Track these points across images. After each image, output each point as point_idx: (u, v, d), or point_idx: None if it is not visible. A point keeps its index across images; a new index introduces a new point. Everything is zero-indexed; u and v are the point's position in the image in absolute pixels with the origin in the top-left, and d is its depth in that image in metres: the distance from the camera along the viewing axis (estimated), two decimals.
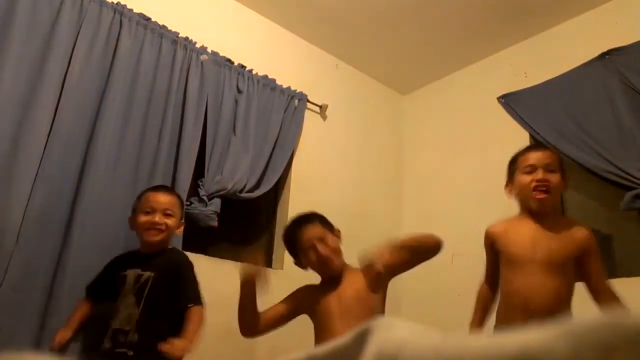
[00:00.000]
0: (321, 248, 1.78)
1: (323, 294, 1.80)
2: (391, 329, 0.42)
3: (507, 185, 1.79)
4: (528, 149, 1.73)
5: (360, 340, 0.43)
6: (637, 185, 2.18)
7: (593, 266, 1.65)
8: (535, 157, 1.67)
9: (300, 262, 1.87)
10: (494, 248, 1.78)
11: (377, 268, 1.45)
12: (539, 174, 1.63)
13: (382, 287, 1.77)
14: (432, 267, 1.84)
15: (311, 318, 1.84)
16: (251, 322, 1.77)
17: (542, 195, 1.62)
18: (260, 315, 1.79)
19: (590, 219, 2.57)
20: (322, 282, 1.87)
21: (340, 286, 1.79)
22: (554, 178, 1.64)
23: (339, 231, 1.93)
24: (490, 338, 0.36)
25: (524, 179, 1.66)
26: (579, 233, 1.66)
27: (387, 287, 1.81)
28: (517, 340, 0.33)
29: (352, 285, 1.76)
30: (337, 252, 1.83)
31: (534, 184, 1.63)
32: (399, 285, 3.08)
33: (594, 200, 2.56)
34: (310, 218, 1.88)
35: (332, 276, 1.82)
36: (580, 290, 2.37)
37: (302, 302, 1.84)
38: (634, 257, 2.32)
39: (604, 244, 2.50)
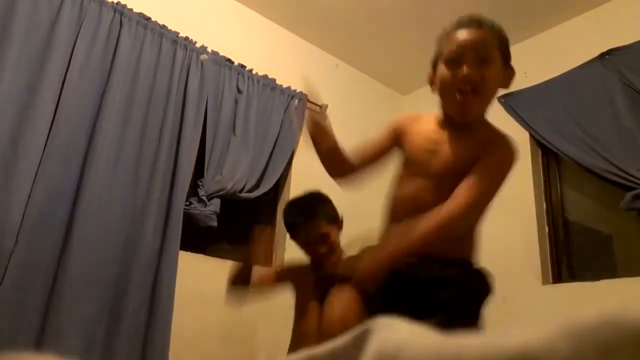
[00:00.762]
0: (320, 248, 1.77)
1: (304, 286, 1.77)
2: (391, 329, 0.41)
3: (430, 80, 1.33)
4: (457, 26, 1.29)
5: (360, 340, 0.43)
6: (637, 185, 2.18)
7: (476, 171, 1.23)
8: (462, 41, 1.22)
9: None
10: (395, 137, 1.44)
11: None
12: (464, 69, 1.17)
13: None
14: None
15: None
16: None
17: (465, 100, 1.20)
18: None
19: (590, 219, 2.57)
20: (309, 266, 1.83)
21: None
22: (487, 72, 1.18)
23: (342, 220, 1.89)
24: (490, 338, 0.35)
25: (445, 73, 1.21)
26: (489, 144, 1.27)
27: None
28: (517, 341, 0.33)
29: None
30: (334, 249, 1.79)
31: (455, 81, 1.20)
32: None
33: (593, 200, 2.56)
34: (314, 213, 1.79)
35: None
36: (580, 291, 2.37)
37: (282, 279, 1.84)
38: (634, 257, 2.32)
39: (604, 244, 2.50)
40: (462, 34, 1.26)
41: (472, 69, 1.18)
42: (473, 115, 1.26)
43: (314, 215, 1.85)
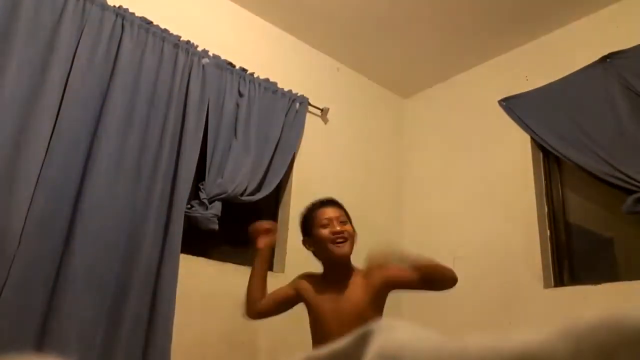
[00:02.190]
0: (338, 225, 1.76)
1: (322, 294, 1.76)
2: (392, 331, 0.42)
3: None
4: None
5: (362, 341, 0.43)
6: (638, 189, 2.18)
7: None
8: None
9: (308, 240, 1.82)
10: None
11: (378, 278, 1.64)
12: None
13: (382, 298, 1.76)
14: None
15: (306, 306, 1.81)
16: (256, 298, 1.79)
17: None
18: (265, 295, 1.81)
19: (592, 223, 2.57)
20: (323, 275, 1.82)
21: (341, 294, 1.74)
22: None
23: (355, 232, 1.88)
24: (491, 339, 0.36)
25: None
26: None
27: (386, 298, 1.78)
28: (518, 342, 0.33)
29: (353, 297, 1.72)
30: (351, 239, 1.78)
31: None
32: None
33: (595, 203, 2.56)
34: (337, 203, 1.87)
35: (335, 267, 1.77)
36: (581, 294, 2.37)
37: (301, 293, 1.81)
38: (635, 260, 2.32)
39: (606, 248, 2.50)
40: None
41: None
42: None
43: (335, 203, 1.87)
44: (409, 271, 1.68)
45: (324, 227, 1.76)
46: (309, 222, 1.81)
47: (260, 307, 1.79)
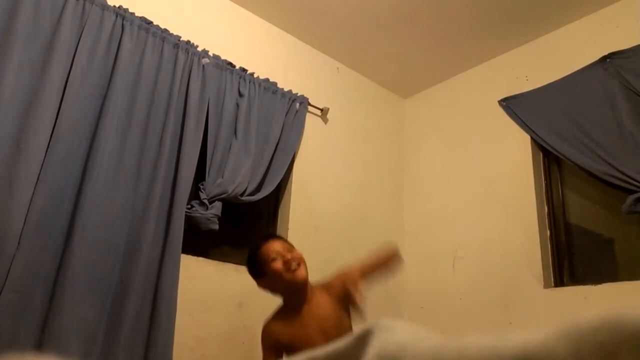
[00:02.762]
0: (289, 255, 1.76)
1: (295, 325, 1.76)
2: (392, 331, 0.42)
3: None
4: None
5: (361, 342, 0.43)
6: (638, 189, 2.18)
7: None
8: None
9: (263, 281, 1.81)
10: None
11: (356, 295, 1.65)
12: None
13: (347, 301, 1.79)
14: (434, 270, 1.84)
15: (287, 349, 1.78)
16: None
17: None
18: None
19: (592, 223, 2.57)
20: (286, 307, 1.83)
21: (312, 309, 1.77)
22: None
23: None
24: (490, 339, 0.36)
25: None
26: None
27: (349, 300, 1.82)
28: (518, 342, 0.33)
29: (325, 307, 1.76)
30: (303, 263, 1.79)
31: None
32: (399, 288, 3.08)
33: (595, 203, 2.56)
34: (277, 236, 1.95)
35: (297, 293, 1.78)
36: (582, 294, 2.37)
37: (279, 341, 1.79)
38: (635, 260, 2.32)
39: (606, 248, 2.50)
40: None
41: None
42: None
43: (273, 236, 1.94)
44: (366, 276, 1.80)
45: (274, 261, 1.75)
46: (257, 263, 1.80)
47: None
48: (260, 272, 1.79)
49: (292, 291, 1.79)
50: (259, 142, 2.57)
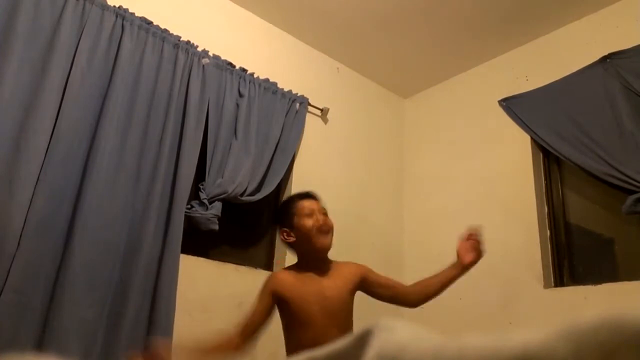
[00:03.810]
0: (321, 217, 1.76)
1: (303, 284, 1.71)
2: (392, 331, 0.42)
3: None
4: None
5: (361, 342, 0.43)
6: (638, 189, 2.18)
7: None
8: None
9: (285, 232, 1.77)
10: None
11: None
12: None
13: (354, 291, 1.80)
14: (434, 270, 1.84)
15: (283, 306, 1.72)
16: (231, 349, 1.64)
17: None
18: (242, 333, 1.67)
19: (592, 223, 2.57)
20: (300, 267, 1.78)
21: (324, 282, 1.72)
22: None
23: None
24: (491, 339, 0.36)
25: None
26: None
27: (355, 293, 1.81)
28: (518, 342, 0.33)
29: (334, 285, 1.73)
30: (332, 232, 1.78)
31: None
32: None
33: (595, 203, 2.56)
34: (317, 197, 1.85)
35: (315, 258, 1.75)
36: (582, 294, 2.37)
37: (279, 292, 1.71)
38: (635, 261, 2.32)
39: (606, 248, 2.50)
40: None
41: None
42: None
43: (315, 197, 1.86)
44: (395, 281, 1.81)
45: (307, 217, 1.74)
46: (290, 212, 1.78)
47: (243, 340, 1.66)
48: (289, 222, 1.77)
49: (312, 254, 1.76)
50: (259, 142, 2.57)
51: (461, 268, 1.75)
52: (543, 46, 2.86)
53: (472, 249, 1.74)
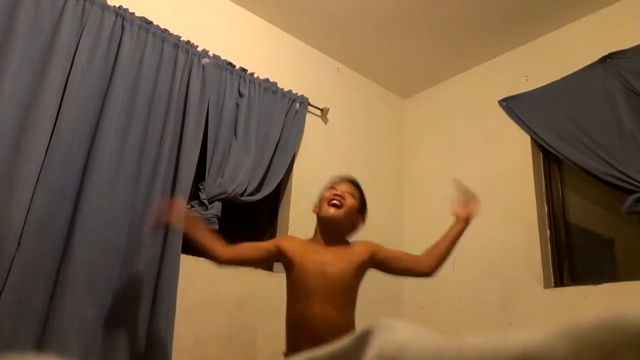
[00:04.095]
0: (338, 191, 1.79)
1: (308, 254, 1.73)
2: (392, 331, 0.42)
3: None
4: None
5: (361, 342, 0.43)
6: (638, 189, 2.18)
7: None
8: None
9: (316, 204, 1.85)
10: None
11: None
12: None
13: (363, 271, 1.78)
14: None
15: (286, 270, 1.77)
16: (214, 250, 1.72)
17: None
18: (229, 249, 1.74)
19: (592, 223, 2.57)
20: (313, 238, 1.81)
21: (328, 258, 1.71)
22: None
23: (363, 220, 1.89)
24: (490, 339, 0.36)
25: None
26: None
27: (365, 273, 1.80)
28: (518, 342, 0.33)
29: (339, 264, 1.71)
30: (348, 210, 1.77)
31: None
32: (399, 288, 3.08)
33: (595, 203, 2.56)
34: (356, 183, 1.89)
35: (324, 230, 1.78)
36: (582, 294, 2.37)
37: (284, 249, 1.76)
38: (635, 260, 2.32)
39: (606, 248, 2.50)
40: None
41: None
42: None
43: (354, 182, 1.89)
44: (408, 254, 1.82)
45: (328, 191, 1.82)
46: (324, 189, 1.86)
47: (228, 254, 1.72)
48: (319, 197, 1.85)
49: (320, 225, 1.81)
50: (259, 142, 2.57)
51: (462, 221, 1.83)
52: (543, 46, 2.86)
53: (468, 201, 1.80)
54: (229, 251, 1.73)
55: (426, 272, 1.78)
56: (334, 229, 1.78)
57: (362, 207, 1.86)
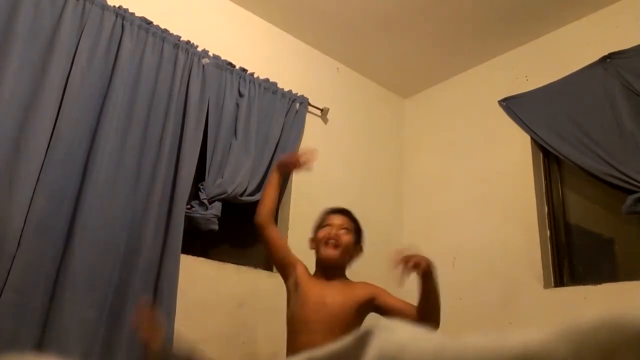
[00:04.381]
0: (334, 230, 1.82)
1: (313, 284, 1.79)
2: (392, 331, 0.42)
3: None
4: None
5: (361, 342, 0.43)
6: (638, 189, 2.18)
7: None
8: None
9: (311, 240, 1.90)
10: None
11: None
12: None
13: (363, 313, 1.80)
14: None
15: (288, 295, 1.84)
16: (267, 206, 1.88)
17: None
18: (273, 223, 1.91)
19: (592, 223, 2.57)
20: (315, 274, 1.87)
21: (328, 291, 1.76)
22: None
23: (361, 249, 1.92)
24: (490, 339, 0.36)
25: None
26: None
27: (365, 316, 1.82)
28: (518, 342, 0.33)
29: (341, 297, 1.75)
30: (345, 248, 1.82)
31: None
32: (400, 288, 3.07)
33: (595, 203, 2.56)
34: (349, 214, 1.92)
35: (324, 268, 1.83)
36: (582, 294, 2.37)
37: (297, 270, 1.83)
38: (635, 260, 2.32)
39: (606, 248, 2.50)
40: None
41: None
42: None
43: (348, 214, 1.93)
44: (406, 304, 1.77)
45: (323, 229, 1.85)
46: (317, 223, 1.91)
47: (269, 228, 1.86)
48: (314, 232, 1.89)
49: (320, 263, 1.85)
50: (259, 142, 2.57)
51: (421, 276, 1.68)
52: (543, 46, 2.86)
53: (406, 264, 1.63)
54: (269, 221, 1.88)
55: (422, 324, 1.79)
56: (334, 267, 1.84)
57: (358, 237, 1.90)
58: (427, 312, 1.73)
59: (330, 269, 1.83)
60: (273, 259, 1.90)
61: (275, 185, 1.93)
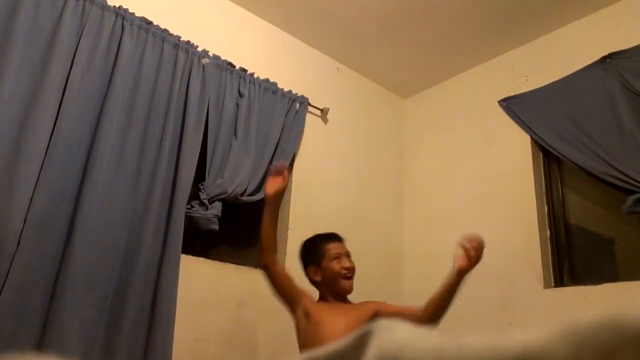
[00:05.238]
0: (349, 261, 1.88)
1: (325, 311, 1.82)
2: (392, 331, 0.42)
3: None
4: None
5: (361, 342, 0.43)
6: (638, 189, 2.18)
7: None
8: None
9: (311, 272, 1.92)
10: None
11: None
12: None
13: None
14: (434, 270, 1.84)
15: (299, 326, 1.85)
16: (268, 246, 1.87)
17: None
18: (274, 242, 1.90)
19: (592, 223, 2.57)
20: (323, 300, 1.90)
21: (341, 316, 1.80)
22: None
23: None
24: (490, 339, 0.36)
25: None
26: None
27: None
28: (518, 341, 0.33)
29: (352, 325, 1.74)
30: (354, 274, 1.90)
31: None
32: (400, 288, 3.08)
33: (595, 203, 2.56)
34: (342, 239, 1.98)
35: (338, 300, 1.88)
36: (582, 295, 2.37)
37: (305, 301, 1.86)
38: (635, 260, 2.32)
39: (606, 248, 2.50)
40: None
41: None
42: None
43: (341, 239, 2.01)
44: (408, 307, 1.85)
45: (335, 261, 1.88)
46: (318, 253, 1.91)
47: (274, 267, 1.85)
48: (317, 263, 1.89)
49: (335, 295, 1.88)
50: (259, 142, 2.57)
51: (456, 274, 1.72)
52: (543, 46, 2.86)
53: (467, 255, 1.69)
54: (273, 259, 1.87)
55: (428, 326, 1.81)
56: (345, 296, 1.90)
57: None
58: (440, 308, 1.76)
59: (344, 298, 1.90)
60: (279, 294, 1.88)
61: (269, 222, 1.90)
